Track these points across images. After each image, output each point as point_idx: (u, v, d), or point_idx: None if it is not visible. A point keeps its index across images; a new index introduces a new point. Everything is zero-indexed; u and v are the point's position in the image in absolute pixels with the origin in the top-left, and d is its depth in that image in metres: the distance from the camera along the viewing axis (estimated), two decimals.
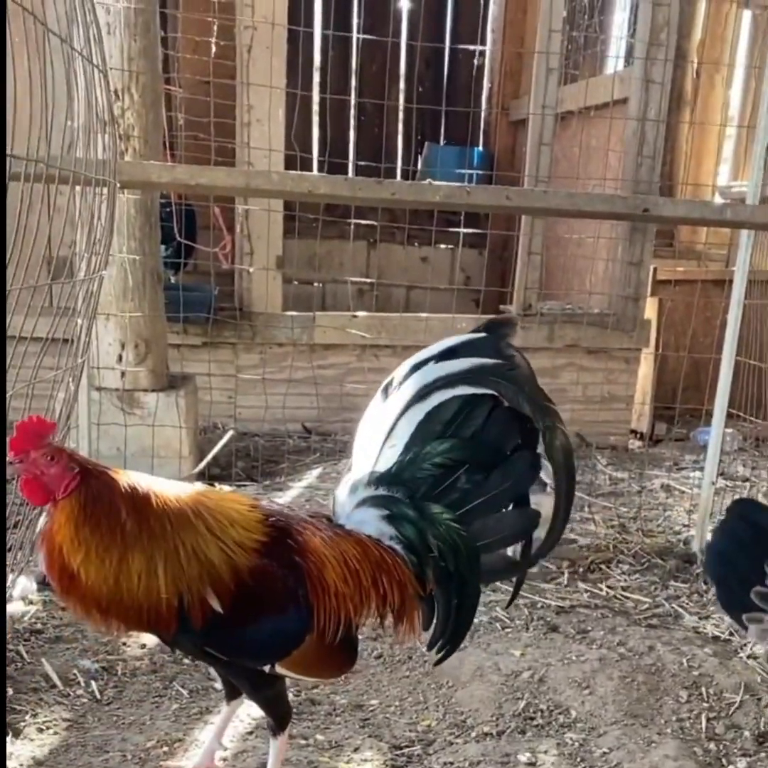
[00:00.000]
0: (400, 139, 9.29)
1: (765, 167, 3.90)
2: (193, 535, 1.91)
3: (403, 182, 3.52)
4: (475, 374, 1.99)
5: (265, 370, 5.64)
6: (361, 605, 2.05)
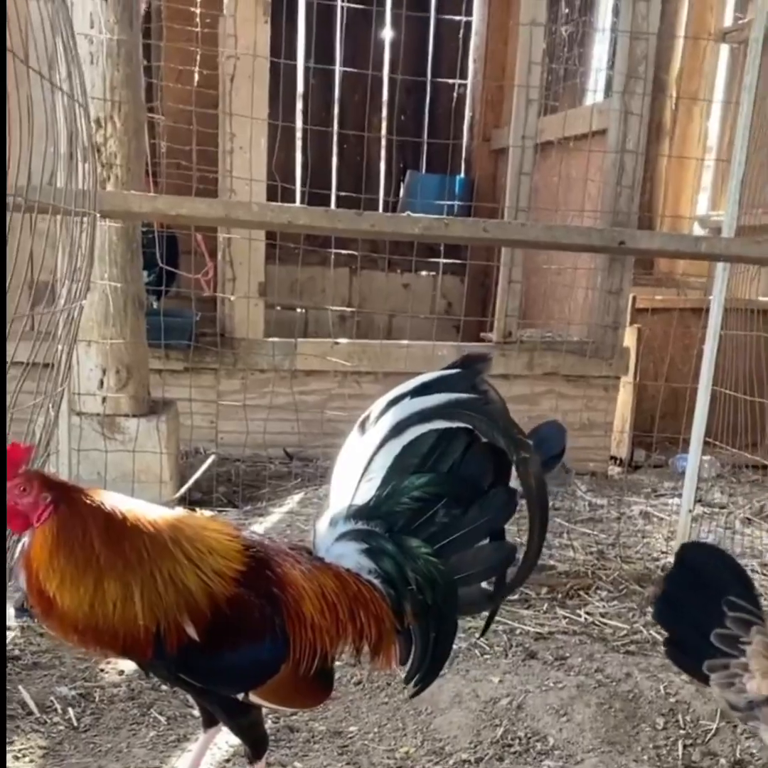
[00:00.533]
0: (383, 167, 9.37)
1: (740, 200, 3.96)
2: (170, 561, 1.91)
3: (383, 214, 3.56)
4: (450, 409, 2.01)
5: (247, 395, 5.65)
6: (338, 638, 2.05)
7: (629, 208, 5.90)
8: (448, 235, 3.54)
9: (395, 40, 9.03)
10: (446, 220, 3.47)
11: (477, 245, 6.54)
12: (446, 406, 2.00)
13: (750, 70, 3.73)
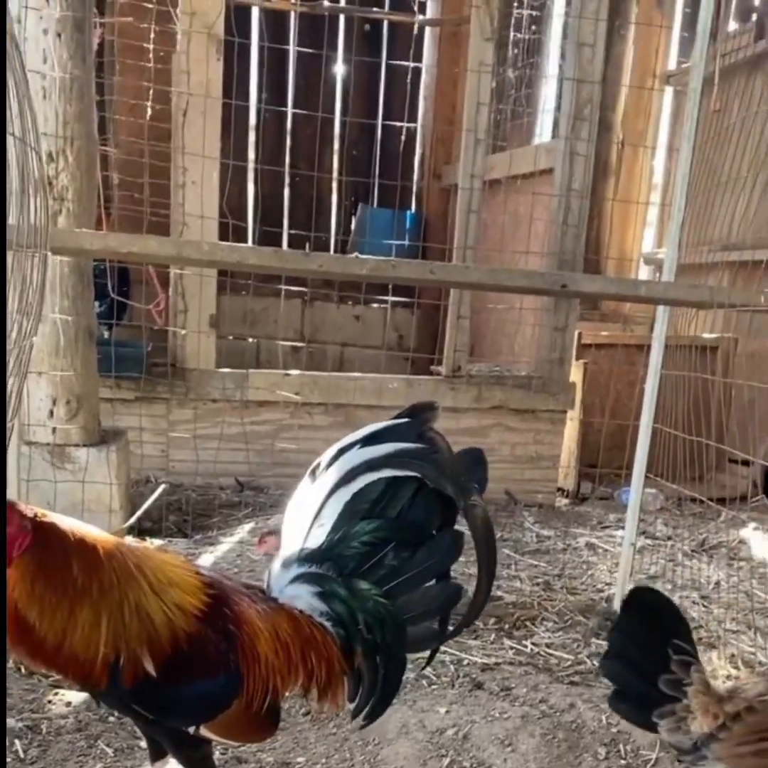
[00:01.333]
0: (334, 201, 9.46)
1: (680, 243, 4.08)
2: (137, 590, 1.94)
3: (331, 255, 3.64)
4: (398, 458, 2.07)
5: (199, 425, 5.67)
6: (289, 677, 2.10)
7: (575, 246, 6.02)
8: (395, 276, 3.61)
9: (347, 79, 9.17)
10: (393, 261, 3.55)
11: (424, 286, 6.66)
12: (395, 456, 2.07)
13: (689, 119, 3.86)
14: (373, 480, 2.08)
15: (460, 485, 2.07)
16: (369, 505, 2.09)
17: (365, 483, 2.08)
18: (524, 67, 7.72)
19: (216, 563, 4.60)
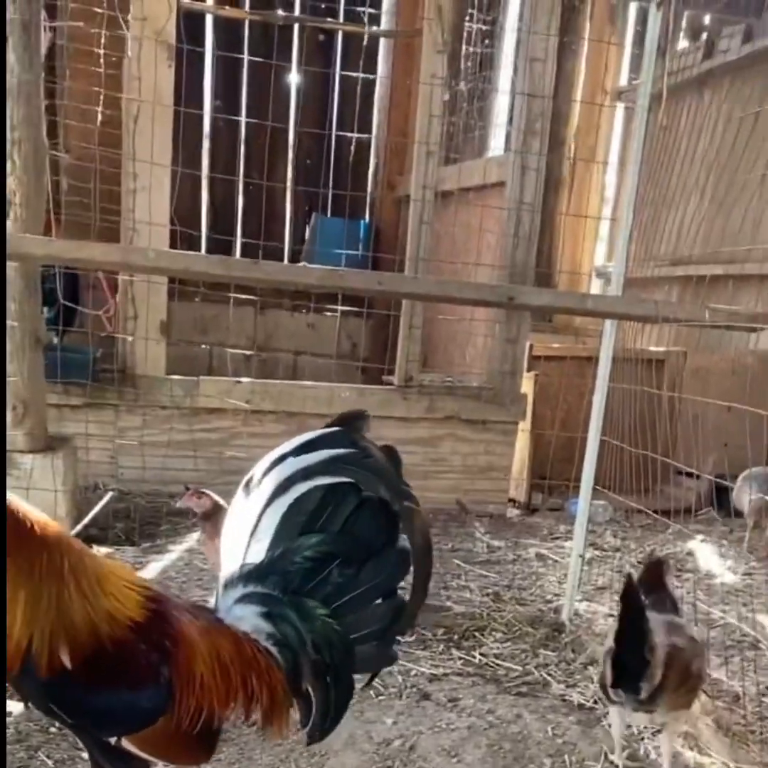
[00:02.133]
0: (288, 209, 9.46)
1: (628, 257, 4.12)
2: (59, 586, 1.90)
3: (278, 264, 3.63)
4: (332, 465, 2.04)
5: (148, 432, 5.63)
6: (227, 701, 2.04)
7: (526, 259, 6.06)
8: (343, 286, 3.62)
9: (301, 88, 9.19)
10: (341, 271, 3.57)
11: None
12: (328, 462, 2.04)
13: (636, 135, 3.91)
14: (309, 488, 2.04)
15: (395, 489, 2.04)
16: (307, 517, 2.05)
17: (301, 492, 2.04)
18: (477, 81, 7.77)
19: (164, 571, 4.58)
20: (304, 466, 2.05)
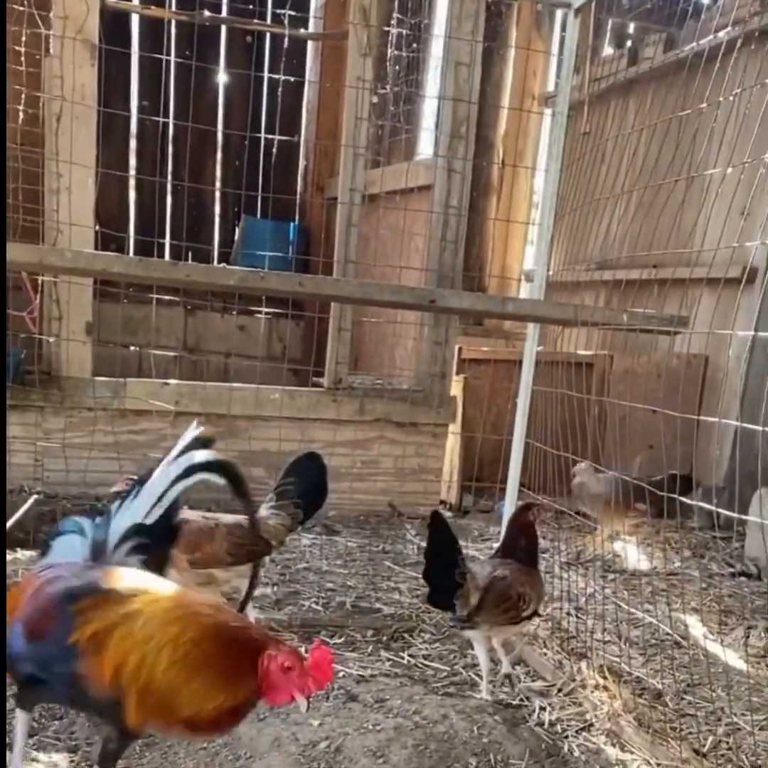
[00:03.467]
0: (218, 212, 9.40)
1: (549, 261, 4.18)
2: None
3: (198, 265, 3.60)
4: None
5: (74, 434, 5.55)
6: None
7: (453, 262, 6.10)
8: (264, 288, 3.62)
9: (229, 89, 9.15)
10: (262, 273, 3.56)
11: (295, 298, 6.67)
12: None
13: (556, 141, 3.96)
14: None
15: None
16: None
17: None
18: (404, 84, 7.80)
19: None
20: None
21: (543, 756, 3.11)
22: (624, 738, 3.25)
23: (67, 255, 3.63)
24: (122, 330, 8.00)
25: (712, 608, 4.61)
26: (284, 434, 5.52)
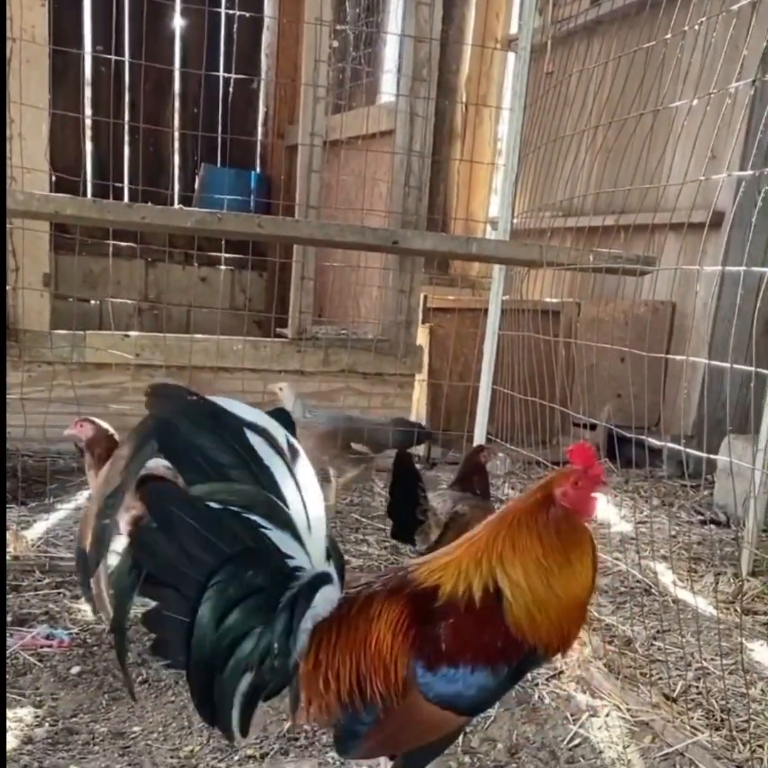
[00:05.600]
0: (176, 160, 9.20)
1: (514, 203, 4.11)
2: None
3: (154, 207, 3.47)
4: None
5: (34, 388, 5.43)
6: None
7: (417, 207, 6.01)
8: (222, 229, 3.52)
9: (186, 31, 8.91)
10: (219, 214, 3.45)
11: (258, 240, 6.53)
12: None
13: (518, 79, 3.87)
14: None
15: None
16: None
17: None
18: (366, 26, 7.64)
19: (51, 530, 4.48)
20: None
21: (513, 704, 3.10)
22: (594, 684, 3.24)
23: (19, 197, 3.50)
24: (81, 284, 7.87)
25: (681, 556, 4.63)
26: (247, 386, 5.42)
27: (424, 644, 1.97)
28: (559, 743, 2.89)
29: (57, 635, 3.35)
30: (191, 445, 1.87)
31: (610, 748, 2.88)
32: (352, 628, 2.01)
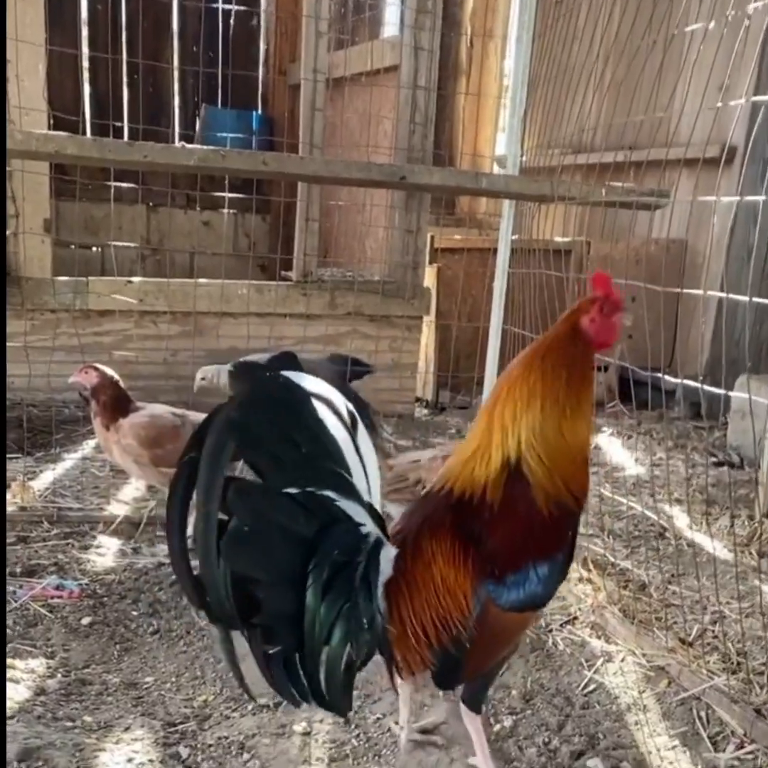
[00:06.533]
0: (176, 100, 9.03)
1: (522, 139, 4.00)
2: None
3: (156, 145, 3.37)
4: None
5: (37, 336, 5.35)
6: None
7: (423, 144, 5.89)
8: (225, 167, 3.42)
9: None
10: (223, 151, 3.36)
11: (261, 179, 6.41)
12: None
13: (527, 8, 3.74)
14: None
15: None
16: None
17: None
18: None
19: (58, 480, 4.45)
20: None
21: (527, 650, 3.08)
22: (609, 630, 3.21)
23: (17, 136, 3.39)
24: (83, 230, 7.76)
25: (695, 498, 4.57)
26: (253, 331, 5.35)
27: (485, 564, 2.04)
28: (574, 689, 2.87)
29: (67, 586, 3.33)
30: (267, 433, 1.82)
31: (625, 693, 2.86)
32: (416, 578, 2.04)
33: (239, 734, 2.55)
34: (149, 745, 2.48)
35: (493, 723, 2.67)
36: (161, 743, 2.50)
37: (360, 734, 2.59)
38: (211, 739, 2.53)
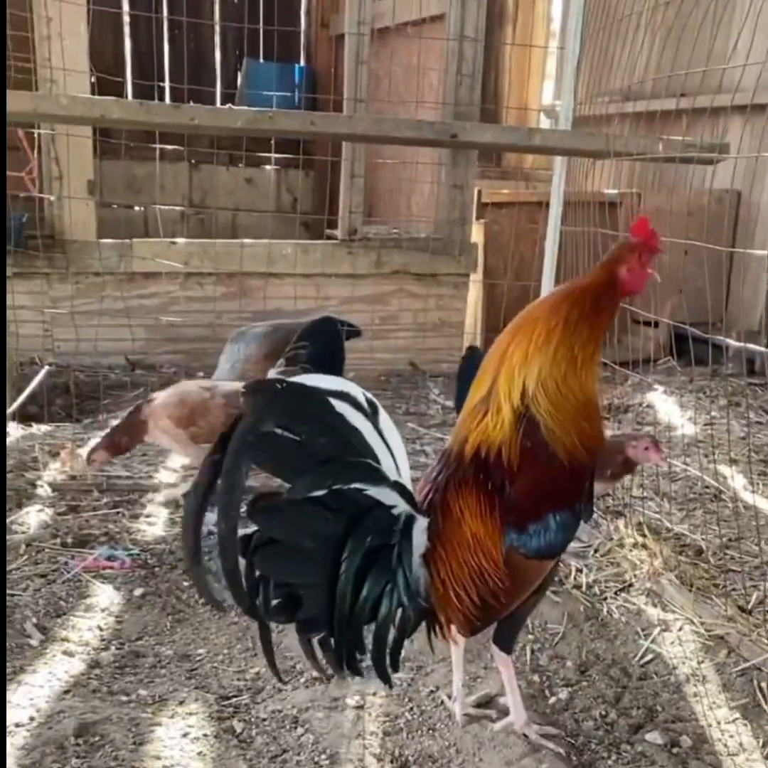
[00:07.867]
0: (218, 55, 8.91)
1: (576, 90, 3.87)
2: None
3: (203, 107, 3.31)
4: None
5: (83, 300, 5.38)
6: None
7: (470, 96, 5.74)
8: (273, 129, 3.36)
9: None
10: (270, 113, 3.30)
11: (310, 139, 6.32)
12: None
13: None
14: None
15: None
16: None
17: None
18: None
19: None
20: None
21: (581, 619, 3.03)
22: (665, 597, 3.15)
23: (63, 101, 3.36)
24: (125, 189, 7.72)
25: (752, 458, 4.45)
26: (299, 292, 5.30)
27: (508, 515, 2.10)
28: (631, 660, 2.81)
29: (118, 556, 3.32)
30: (284, 443, 1.88)
31: (683, 663, 2.80)
32: (451, 539, 2.11)
33: (292, 707, 2.53)
34: (204, 719, 2.47)
35: (548, 695, 2.63)
36: (215, 717, 2.49)
37: (413, 707, 2.56)
38: (265, 712, 2.52)
